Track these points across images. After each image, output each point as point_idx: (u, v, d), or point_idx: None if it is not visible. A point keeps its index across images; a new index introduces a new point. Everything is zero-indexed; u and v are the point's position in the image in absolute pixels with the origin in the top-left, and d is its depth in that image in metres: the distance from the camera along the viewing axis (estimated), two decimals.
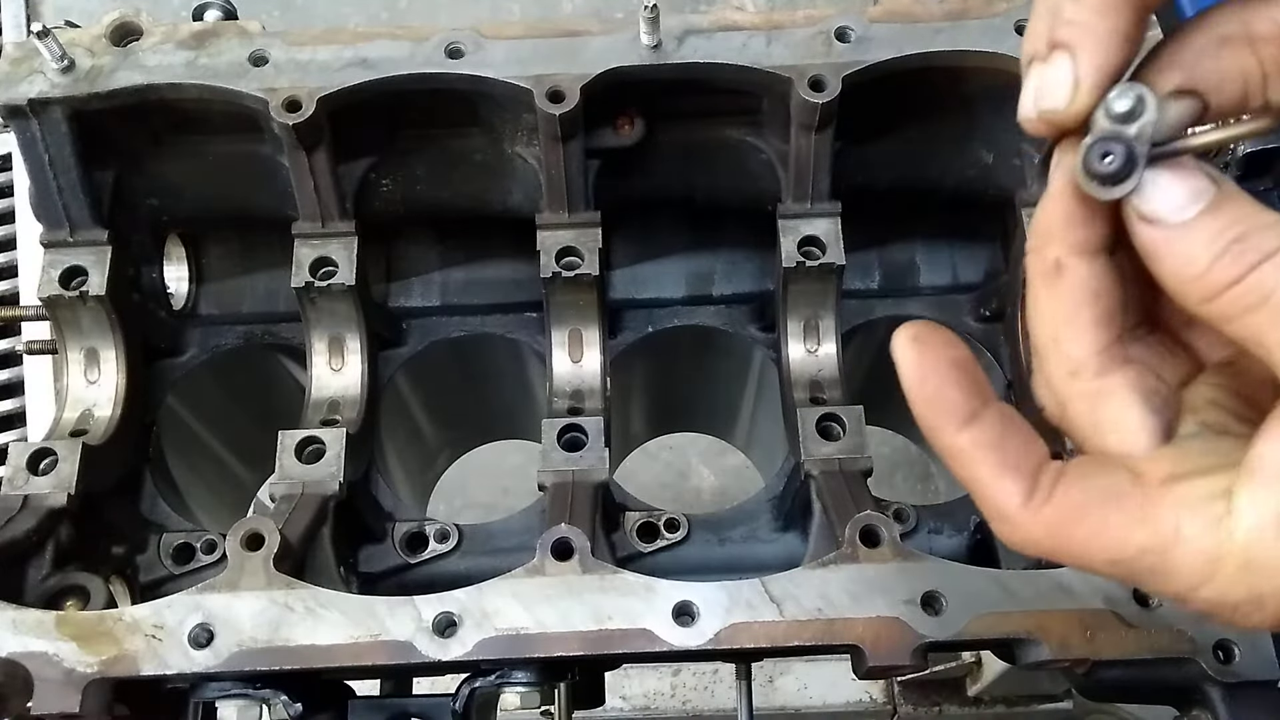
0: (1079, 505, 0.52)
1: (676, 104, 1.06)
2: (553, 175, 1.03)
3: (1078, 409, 0.56)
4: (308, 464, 0.99)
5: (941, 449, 0.53)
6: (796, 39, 1.01)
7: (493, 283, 1.22)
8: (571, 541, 0.86)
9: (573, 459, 0.99)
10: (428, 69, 1.01)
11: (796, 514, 1.07)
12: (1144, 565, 0.51)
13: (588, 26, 1.03)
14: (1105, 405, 0.55)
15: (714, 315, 1.21)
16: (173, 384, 1.16)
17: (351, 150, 1.05)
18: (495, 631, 0.83)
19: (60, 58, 0.98)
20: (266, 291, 1.21)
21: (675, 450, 2.59)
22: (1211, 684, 0.83)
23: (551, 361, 1.09)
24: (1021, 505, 0.52)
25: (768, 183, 1.08)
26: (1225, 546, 0.48)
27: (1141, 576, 0.52)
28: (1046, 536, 0.52)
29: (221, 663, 0.82)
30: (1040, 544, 0.53)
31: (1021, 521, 0.52)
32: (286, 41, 1.02)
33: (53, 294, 1.01)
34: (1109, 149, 0.49)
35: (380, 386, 1.14)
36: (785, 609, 0.83)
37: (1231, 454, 0.50)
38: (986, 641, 0.85)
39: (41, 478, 0.96)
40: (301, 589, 0.85)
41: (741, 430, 1.47)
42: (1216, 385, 0.56)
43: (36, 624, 0.83)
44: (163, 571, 1.06)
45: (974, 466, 0.52)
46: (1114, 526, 0.51)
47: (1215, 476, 0.50)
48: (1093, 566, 0.53)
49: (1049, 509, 0.52)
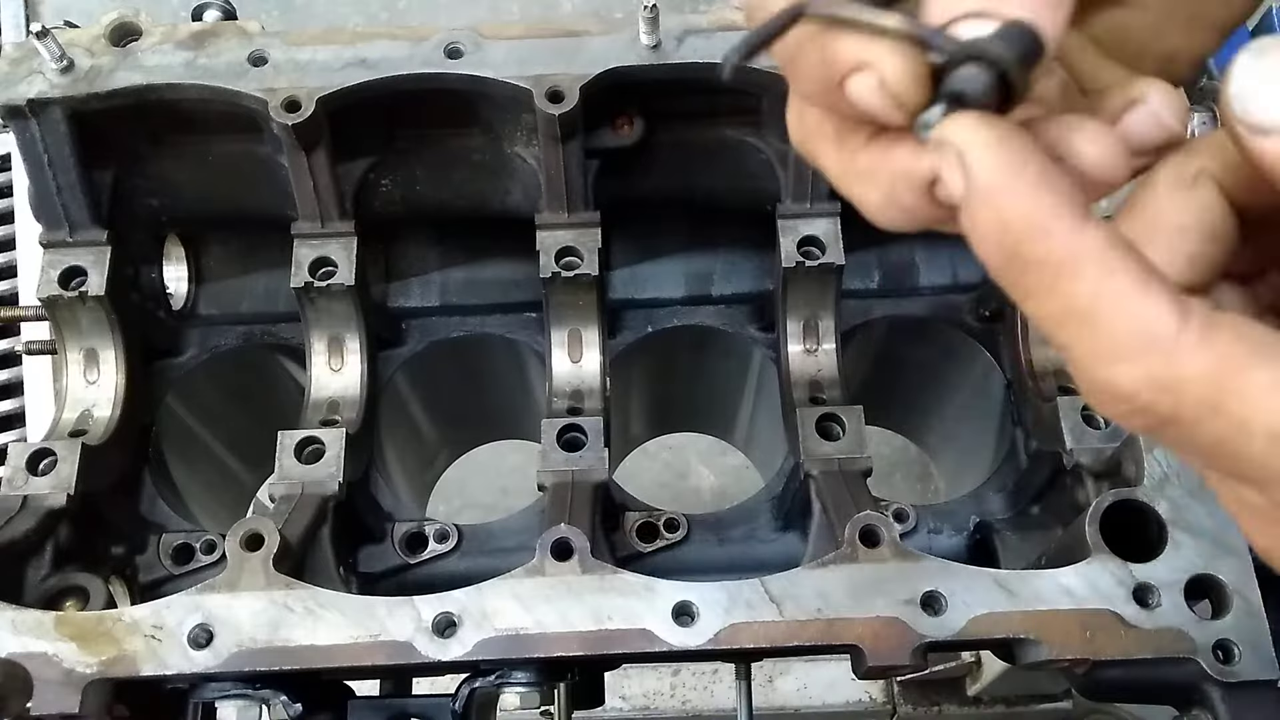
0: (1259, 343, 0.38)
1: (676, 104, 1.06)
2: (552, 175, 1.03)
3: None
4: (307, 464, 0.99)
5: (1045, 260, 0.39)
6: None
7: (492, 283, 1.22)
8: (571, 542, 0.86)
9: (572, 459, 0.99)
10: (427, 69, 1.01)
11: (796, 514, 1.07)
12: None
13: (587, 26, 1.03)
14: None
15: (713, 315, 1.21)
16: (172, 384, 1.16)
17: (351, 150, 1.05)
18: (495, 632, 0.83)
19: (59, 58, 0.98)
20: (266, 291, 1.20)
21: (675, 450, 2.59)
22: (1211, 684, 0.83)
23: (551, 361, 1.09)
24: (1180, 328, 0.38)
25: (767, 182, 1.08)
26: None
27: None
28: (1210, 376, 0.38)
29: (221, 663, 0.82)
30: (1195, 388, 0.38)
31: (1180, 349, 0.38)
32: (286, 42, 1.02)
33: (52, 294, 1.01)
34: None
35: (380, 387, 1.14)
36: (785, 609, 0.83)
37: None
38: (986, 641, 0.85)
39: (41, 478, 0.95)
40: (301, 589, 0.85)
41: (741, 430, 1.47)
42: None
43: (36, 624, 0.83)
44: (162, 572, 1.06)
45: (1109, 278, 0.38)
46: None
47: None
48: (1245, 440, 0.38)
49: (1222, 336, 0.38)
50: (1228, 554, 0.85)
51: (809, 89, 0.47)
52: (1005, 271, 0.41)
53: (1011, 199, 0.39)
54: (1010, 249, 0.40)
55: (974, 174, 0.40)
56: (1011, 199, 0.39)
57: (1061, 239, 0.39)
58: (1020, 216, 0.39)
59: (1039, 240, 0.39)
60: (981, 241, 0.41)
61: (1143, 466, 0.88)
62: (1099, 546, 0.84)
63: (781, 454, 1.11)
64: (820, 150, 0.50)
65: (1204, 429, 0.39)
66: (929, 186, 0.44)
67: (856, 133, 0.47)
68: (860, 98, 0.43)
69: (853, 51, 0.43)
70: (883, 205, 0.47)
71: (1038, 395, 1.06)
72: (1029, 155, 0.40)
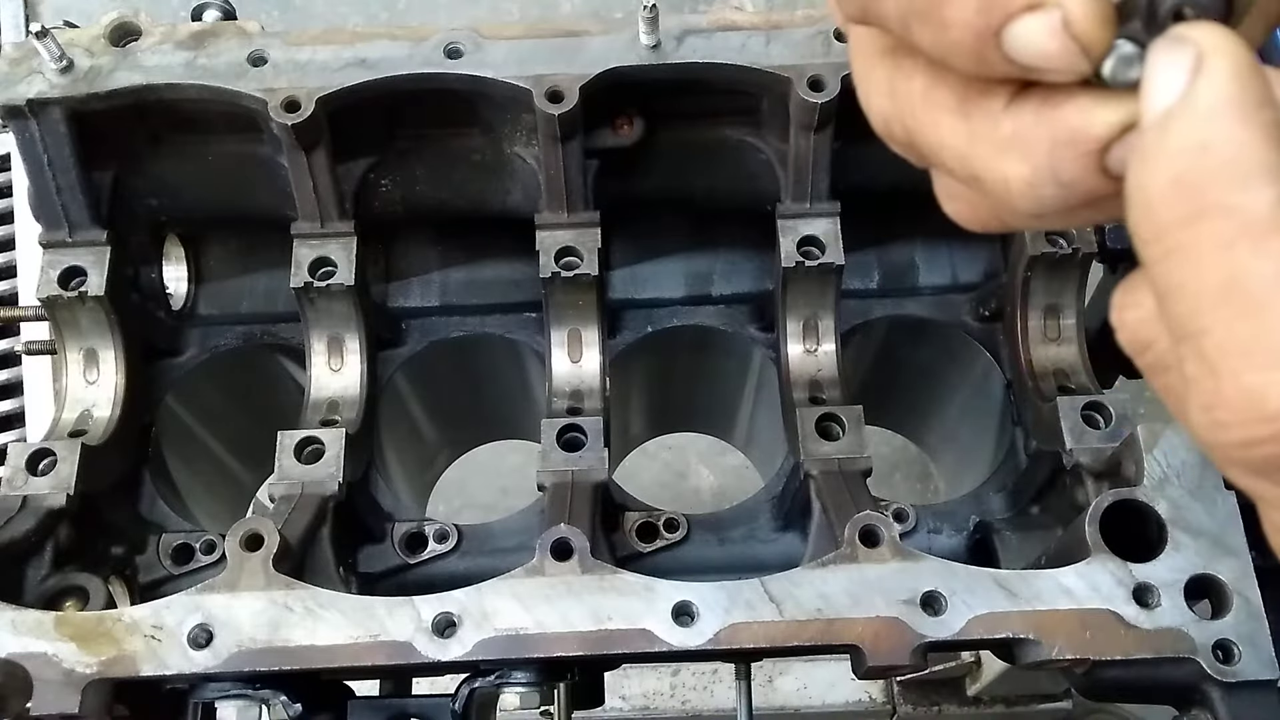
0: None
1: (675, 104, 1.06)
2: (552, 175, 1.03)
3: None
4: (307, 464, 0.99)
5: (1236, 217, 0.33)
6: (795, 39, 1.01)
7: (492, 283, 1.22)
8: (571, 542, 0.86)
9: (572, 459, 0.99)
10: (427, 69, 1.01)
11: (796, 514, 1.06)
12: None
13: (587, 26, 1.03)
14: None
15: (713, 315, 1.21)
16: (172, 384, 1.16)
17: (350, 150, 1.05)
18: (494, 632, 0.82)
19: (59, 58, 0.98)
20: (266, 292, 1.20)
21: (675, 450, 2.59)
22: (1211, 684, 0.83)
23: (551, 361, 1.09)
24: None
25: (767, 183, 1.08)
26: None
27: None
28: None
29: (221, 663, 0.82)
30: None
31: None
32: (285, 42, 1.02)
33: (52, 294, 1.01)
34: None
35: (379, 387, 1.14)
36: (785, 609, 0.83)
37: None
38: (986, 641, 0.85)
39: (40, 478, 0.95)
40: (301, 589, 0.85)
41: (741, 430, 1.47)
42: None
43: (36, 624, 0.83)
44: (162, 572, 1.06)
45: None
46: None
47: None
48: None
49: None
50: (1228, 554, 0.84)
51: (953, 43, 0.39)
52: (1169, 213, 0.34)
53: (1237, 130, 0.33)
54: (1197, 187, 0.33)
55: (1206, 87, 0.34)
56: (1237, 130, 0.33)
57: (1265, 198, 0.32)
58: (1232, 156, 0.33)
59: (1238, 189, 0.33)
60: (1161, 171, 0.34)
61: (1143, 466, 0.88)
62: (1099, 546, 0.84)
63: (781, 454, 1.11)
64: (933, 124, 0.43)
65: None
66: (1101, 152, 0.38)
67: (990, 96, 0.40)
68: (1030, 47, 0.37)
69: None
70: (1035, 181, 0.40)
71: (1037, 395, 1.06)
72: (1270, 101, 0.34)
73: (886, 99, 0.45)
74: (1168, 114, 0.34)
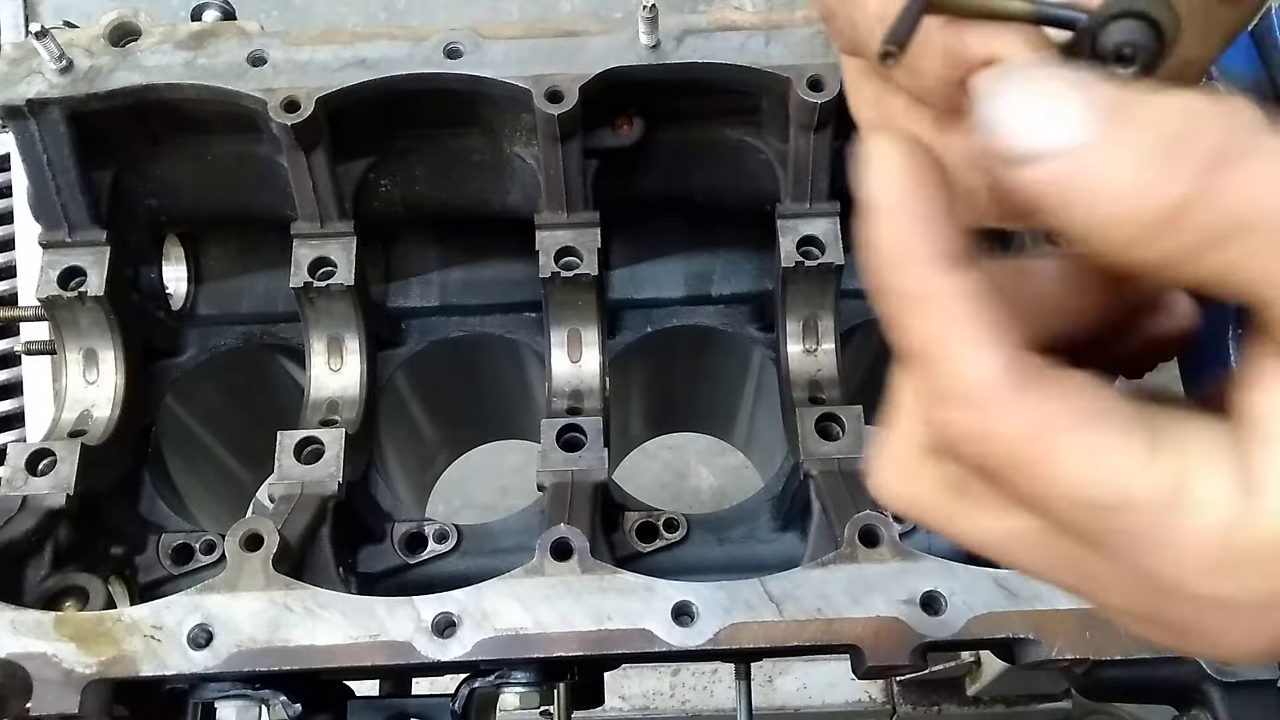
0: (1080, 413, 0.37)
1: (675, 104, 1.06)
2: (551, 175, 1.03)
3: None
4: (307, 464, 0.99)
5: (902, 294, 0.39)
6: (795, 39, 1.01)
7: (492, 283, 1.22)
8: (571, 542, 0.86)
9: (572, 459, 0.99)
10: (426, 69, 1.01)
11: (796, 514, 1.07)
12: (1131, 524, 0.37)
13: (586, 26, 1.03)
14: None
15: (713, 315, 1.21)
16: (171, 384, 1.16)
17: (350, 150, 1.05)
18: (494, 632, 0.83)
19: (59, 58, 0.98)
20: (265, 292, 1.20)
21: (674, 450, 2.59)
22: (1210, 683, 0.83)
23: (550, 361, 1.09)
24: (1000, 387, 0.37)
25: (767, 182, 1.08)
26: (1251, 522, 0.35)
27: (1116, 540, 0.38)
28: (1018, 439, 0.37)
29: (220, 663, 0.82)
30: (1002, 448, 0.38)
31: (994, 409, 0.37)
32: (285, 42, 1.02)
33: (51, 294, 1.01)
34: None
35: (379, 387, 1.14)
36: (784, 609, 0.83)
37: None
38: (986, 641, 0.85)
39: (40, 478, 0.95)
40: (300, 589, 0.85)
41: (741, 430, 1.47)
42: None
43: (35, 625, 0.83)
44: (161, 572, 1.06)
45: (948, 326, 0.38)
46: (1115, 457, 0.36)
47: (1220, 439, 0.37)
48: (1052, 503, 0.38)
49: (1038, 401, 0.37)
50: None
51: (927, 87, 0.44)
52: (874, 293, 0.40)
53: (892, 226, 0.38)
54: (875, 269, 0.39)
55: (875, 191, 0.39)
56: (892, 226, 0.38)
57: (920, 279, 0.38)
58: (892, 242, 0.38)
59: (901, 270, 0.38)
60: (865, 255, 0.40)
61: None
62: None
63: (781, 454, 1.11)
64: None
65: (1016, 488, 0.39)
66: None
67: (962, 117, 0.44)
68: None
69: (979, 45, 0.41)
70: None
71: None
72: (923, 185, 0.38)
73: (873, 111, 0.49)
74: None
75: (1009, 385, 0.37)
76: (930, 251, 0.38)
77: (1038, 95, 0.36)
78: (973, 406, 0.38)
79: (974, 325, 0.38)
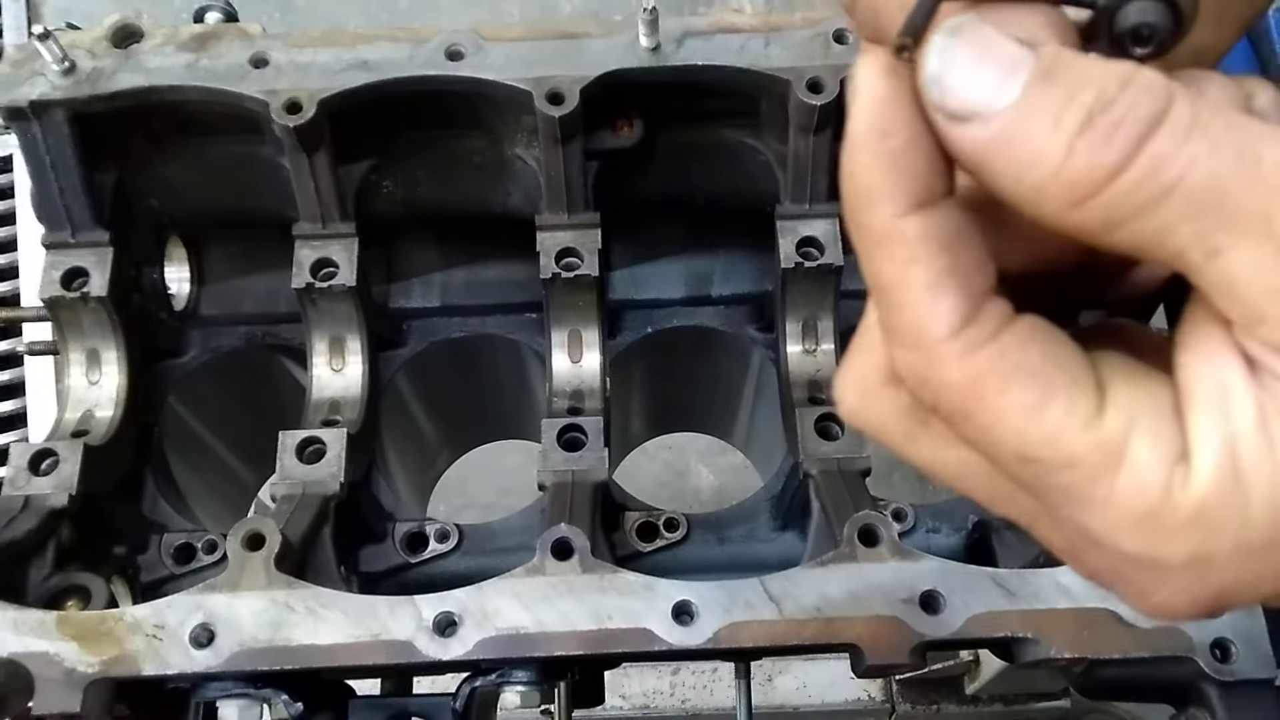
0: (1026, 367, 0.38)
1: (675, 106, 1.06)
2: (552, 177, 1.03)
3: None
4: (308, 464, 0.99)
5: (869, 229, 0.39)
6: (794, 41, 1.01)
7: (493, 283, 1.22)
8: (571, 541, 0.86)
9: (572, 459, 1.00)
10: (428, 71, 1.01)
11: (795, 513, 1.07)
12: (1063, 480, 0.38)
13: (587, 29, 1.03)
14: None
15: (713, 316, 1.21)
16: (174, 385, 1.16)
17: (352, 152, 1.05)
18: (495, 631, 0.83)
19: (61, 60, 0.98)
20: (267, 292, 1.21)
21: (675, 450, 2.59)
22: (1209, 682, 0.83)
23: (551, 362, 1.10)
24: (950, 335, 0.38)
25: (766, 184, 1.08)
26: (1181, 486, 0.37)
27: (1049, 494, 0.39)
28: (963, 388, 0.38)
29: (222, 663, 0.82)
30: (948, 394, 0.39)
31: (942, 356, 0.38)
32: (287, 44, 1.02)
33: (54, 295, 1.02)
34: None
35: (381, 387, 1.14)
36: (784, 608, 0.83)
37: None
38: (984, 640, 0.85)
39: (43, 478, 0.96)
40: (302, 589, 0.85)
41: (740, 430, 1.48)
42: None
43: (38, 624, 0.84)
44: (164, 571, 1.06)
45: (908, 266, 0.38)
46: (1056, 414, 0.37)
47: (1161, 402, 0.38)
48: (994, 450, 0.39)
49: (986, 353, 0.38)
50: None
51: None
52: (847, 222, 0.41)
53: (864, 159, 0.38)
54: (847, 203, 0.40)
55: (850, 125, 0.39)
56: (864, 159, 0.38)
57: (884, 217, 0.38)
58: (863, 179, 0.38)
59: (866, 208, 0.39)
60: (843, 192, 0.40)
61: None
62: None
63: (781, 454, 1.12)
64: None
65: (961, 431, 0.40)
66: None
67: None
68: None
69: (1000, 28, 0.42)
70: None
71: None
72: (896, 118, 0.38)
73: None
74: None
75: (960, 334, 0.38)
76: (898, 189, 0.38)
77: (976, 55, 0.37)
78: (924, 350, 0.39)
79: (933, 269, 0.38)
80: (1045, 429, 0.37)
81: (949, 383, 0.38)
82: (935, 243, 0.38)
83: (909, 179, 0.38)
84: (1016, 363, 0.38)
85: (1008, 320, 0.38)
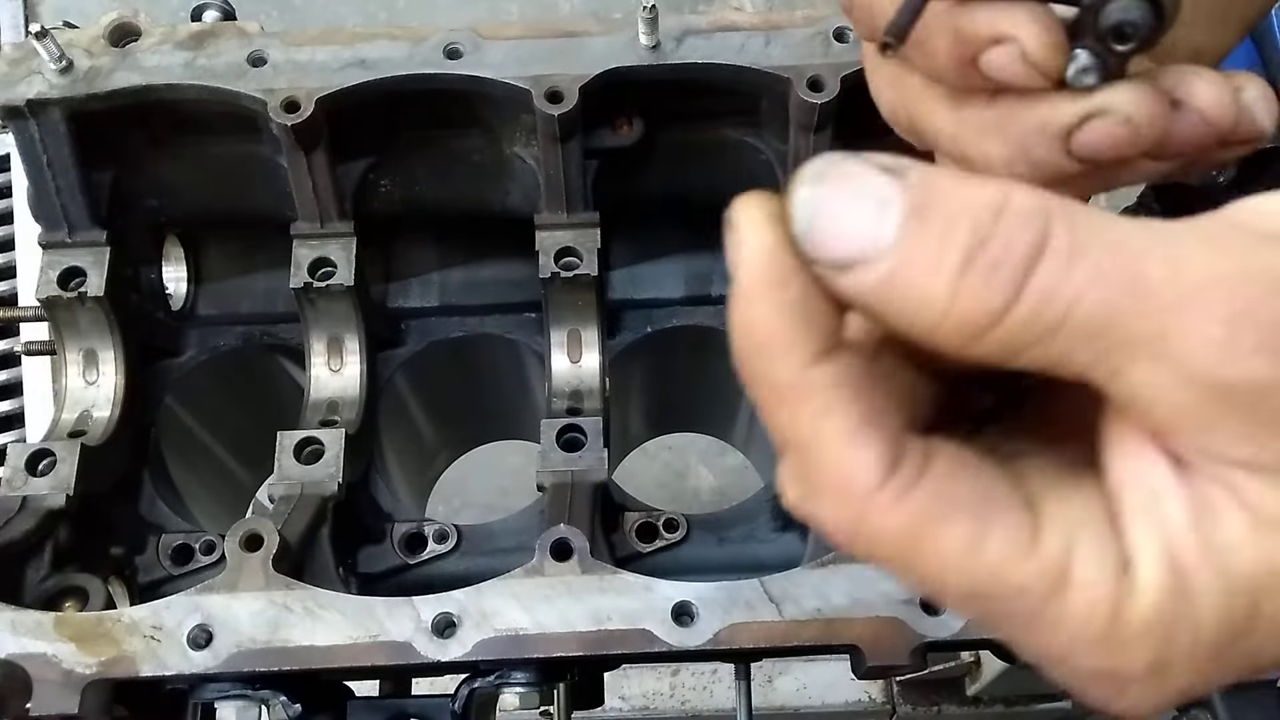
0: (957, 503, 0.37)
1: (675, 104, 1.06)
2: (551, 175, 1.03)
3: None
4: (306, 465, 0.99)
5: (773, 383, 0.37)
6: (795, 39, 1.01)
7: (491, 283, 1.22)
8: (570, 542, 0.86)
9: (572, 459, 0.99)
10: (426, 69, 1.01)
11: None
12: (1018, 609, 0.37)
13: (586, 27, 1.03)
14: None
15: (713, 315, 1.21)
16: (171, 385, 1.16)
17: (350, 151, 1.05)
18: (494, 632, 0.83)
19: (58, 59, 0.98)
20: (265, 292, 1.20)
21: (674, 450, 2.59)
22: None
23: (550, 362, 1.09)
24: (879, 485, 0.36)
25: (767, 183, 1.08)
26: (1128, 599, 0.36)
27: (1007, 623, 0.39)
28: (901, 537, 0.37)
29: (220, 664, 0.82)
30: (885, 543, 0.37)
31: (874, 507, 0.36)
32: (285, 42, 1.02)
33: (51, 295, 1.01)
34: None
35: (379, 387, 1.14)
36: (784, 609, 0.83)
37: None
38: (985, 641, 0.85)
39: (40, 479, 0.95)
40: (300, 590, 0.85)
41: (740, 430, 1.47)
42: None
43: (35, 625, 0.83)
44: (161, 572, 1.06)
45: (823, 419, 0.36)
46: (994, 547, 0.36)
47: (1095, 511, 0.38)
48: (942, 592, 0.39)
49: (917, 496, 0.36)
50: None
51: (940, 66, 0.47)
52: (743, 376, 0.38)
53: (762, 310, 0.36)
54: (743, 359, 0.37)
55: (741, 273, 0.36)
56: (762, 310, 0.36)
57: (788, 369, 0.36)
58: (757, 330, 0.36)
59: (767, 361, 0.36)
60: (734, 339, 0.37)
61: None
62: None
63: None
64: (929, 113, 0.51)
65: (907, 576, 0.39)
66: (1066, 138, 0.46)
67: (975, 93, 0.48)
68: (1001, 70, 0.45)
69: (987, 25, 0.44)
70: (1011, 160, 0.48)
71: None
72: (794, 270, 0.36)
73: (893, 91, 0.53)
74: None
75: (888, 482, 0.36)
76: (802, 338, 0.36)
77: (846, 198, 0.35)
78: (854, 504, 0.37)
79: (850, 418, 0.36)
80: (987, 564, 0.36)
81: (886, 531, 0.37)
82: (848, 388, 0.36)
83: (813, 326, 0.36)
84: (950, 500, 0.37)
85: (930, 456, 0.37)
